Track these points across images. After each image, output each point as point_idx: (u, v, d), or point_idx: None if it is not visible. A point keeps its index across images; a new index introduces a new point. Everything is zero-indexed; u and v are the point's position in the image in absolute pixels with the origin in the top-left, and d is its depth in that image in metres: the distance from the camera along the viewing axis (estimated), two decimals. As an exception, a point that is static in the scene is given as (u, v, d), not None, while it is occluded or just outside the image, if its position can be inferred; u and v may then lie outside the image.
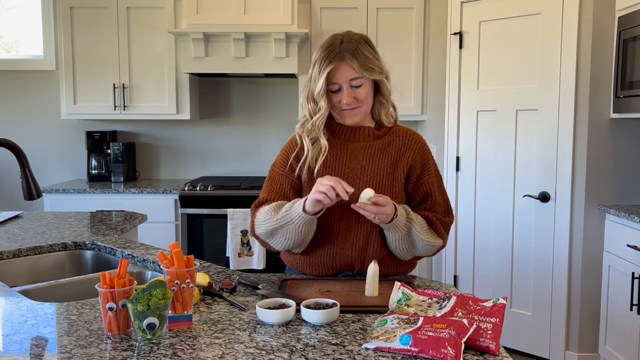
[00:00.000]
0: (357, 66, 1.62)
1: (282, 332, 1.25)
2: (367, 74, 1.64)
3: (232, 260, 3.74)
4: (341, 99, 1.66)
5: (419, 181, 1.72)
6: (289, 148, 1.77)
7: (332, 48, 1.64)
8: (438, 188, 1.75)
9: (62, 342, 1.20)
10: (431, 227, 1.69)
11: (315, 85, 1.65)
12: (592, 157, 3.14)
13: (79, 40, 4.06)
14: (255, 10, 3.87)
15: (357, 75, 1.64)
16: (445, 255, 3.77)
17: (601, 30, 3.07)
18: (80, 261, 2.16)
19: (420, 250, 1.69)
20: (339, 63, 1.62)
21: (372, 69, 1.65)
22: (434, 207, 1.73)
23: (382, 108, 1.74)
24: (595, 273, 3.17)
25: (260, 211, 1.70)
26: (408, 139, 1.75)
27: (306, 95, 1.71)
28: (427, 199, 1.73)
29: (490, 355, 1.13)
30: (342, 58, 1.62)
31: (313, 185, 1.67)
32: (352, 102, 1.66)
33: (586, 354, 3.23)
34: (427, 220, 1.70)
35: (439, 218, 1.72)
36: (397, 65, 3.98)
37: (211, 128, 4.50)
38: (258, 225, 1.70)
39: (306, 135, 1.71)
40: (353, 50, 1.63)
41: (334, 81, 1.64)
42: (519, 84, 3.34)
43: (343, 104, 1.66)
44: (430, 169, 1.75)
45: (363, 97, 1.67)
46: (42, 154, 4.44)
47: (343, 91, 1.65)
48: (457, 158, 3.66)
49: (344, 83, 1.64)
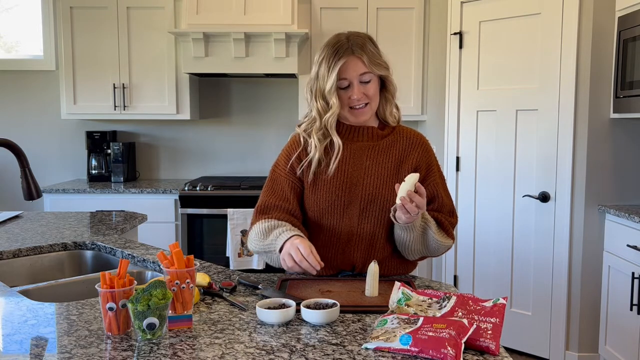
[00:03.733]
0: (367, 61, 1.63)
1: (282, 332, 1.25)
2: (375, 69, 1.65)
3: (232, 260, 3.74)
4: (351, 95, 1.65)
5: (424, 182, 1.71)
6: (291, 148, 1.76)
7: (340, 44, 1.65)
8: (443, 189, 1.76)
9: (62, 342, 1.20)
10: (441, 227, 1.70)
11: (325, 83, 1.64)
12: (592, 157, 3.14)
13: (79, 40, 4.06)
14: (255, 10, 3.87)
15: (367, 70, 1.64)
16: (445, 255, 3.77)
17: (601, 30, 3.08)
18: (80, 261, 2.16)
19: (431, 250, 1.70)
20: (350, 57, 1.63)
21: (380, 64, 1.67)
22: (440, 207, 1.73)
23: (387, 105, 1.74)
24: (595, 273, 3.17)
25: (255, 227, 1.69)
26: (412, 140, 1.75)
27: (314, 93, 1.69)
28: (433, 200, 1.73)
29: (490, 355, 1.13)
30: (352, 53, 1.63)
31: (317, 187, 1.66)
32: (362, 98, 1.66)
33: (586, 354, 3.23)
34: (437, 220, 1.70)
35: (446, 218, 1.72)
36: (397, 65, 3.94)
37: (211, 128, 4.50)
38: (250, 241, 1.72)
39: (315, 133, 1.69)
40: (361, 45, 1.65)
41: (344, 76, 1.64)
42: (519, 84, 3.34)
43: (354, 99, 1.66)
44: (434, 170, 1.75)
45: (372, 93, 1.67)
46: (42, 154, 4.44)
47: (353, 87, 1.65)
48: (457, 158, 3.66)
49: (354, 79, 1.64)
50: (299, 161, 1.72)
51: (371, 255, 1.69)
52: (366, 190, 1.68)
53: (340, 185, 1.68)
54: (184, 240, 3.87)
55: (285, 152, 1.77)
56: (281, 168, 1.75)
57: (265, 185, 1.77)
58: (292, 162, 1.72)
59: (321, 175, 1.70)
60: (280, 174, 1.74)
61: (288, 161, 1.74)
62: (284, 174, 1.73)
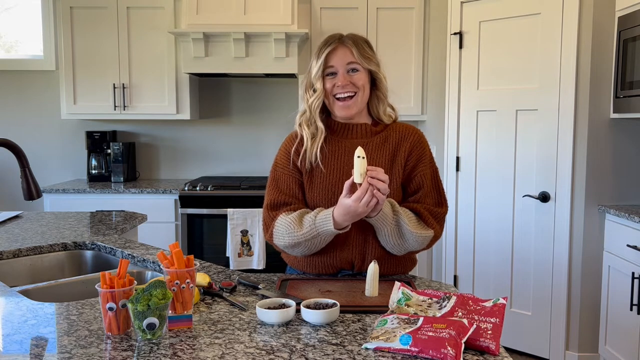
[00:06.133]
0: (356, 53, 1.67)
1: (282, 332, 1.25)
2: (364, 62, 1.68)
3: (232, 260, 3.74)
4: (336, 82, 1.68)
5: (413, 172, 1.71)
6: (288, 144, 1.77)
7: (333, 35, 1.72)
8: (432, 180, 1.73)
9: (62, 342, 1.20)
10: (420, 218, 1.68)
11: (312, 69, 1.70)
12: (592, 157, 3.14)
13: (79, 40, 4.06)
14: (255, 10, 3.87)
15: (355, 60, 1.67)
16: (445, 255, 3.77)
17: (601, 30, 3.08)
18: (80, 261, 2.16)
19: (412, 243, 1.66)
20: (338, 45, 1.68)
21: (370, 59, 1.70)
22: (423, 198, 1.71)
23: (380, 104, 1.74)
24: (595, 273, 3.17)
25: (279, 221, 1.66)
26: (405, 133, 1.74)
27: (305, 85, 1.74)
28: (418, 190, 1.72)
29: (490, 355, 1.13)
30: (342, 42, 1.69)
31: (313, 177, 1.67)
32: (348, 86, 1.67)
33: (586, 354, 3.23)
34: (415, 212, 1.68)
35: (427, 209, 1.69)
36: (397, 65, 3.98)
37: (211, 128, 4.50)
38: (278, 237, 1.67)
39: (305, 124, 1.72)
40: (353, 39, 1.70)
41: (331, 64, 1.68)
42: (519, 84, 3.34)
43: (338, 85, 1.67)
44: (425, 161, 1.73)
45: (360, 84, 1.68)
46: (42, 154, 4.44)
47: (339, 75, 1.68)
48: (457, 158, 3.66)
49: (340, 67, 1.67)
50: (297, 154, 1.73)
51: (367, 252, 1.69)
52: None
53: (335, 183, 1.69)
54: (184, 240, 3.87)
55: (284, 149, 1.77)
56: (283, 166, 1.75)
57: (268, 185, 1.77)
58: (292, 157, 1.73)
59: (316, 171, 1.71)
60: (282, 171, 1.74)
61: (288, 157, 1.74)
62: (288, 172, 1.73)
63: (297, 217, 1.64)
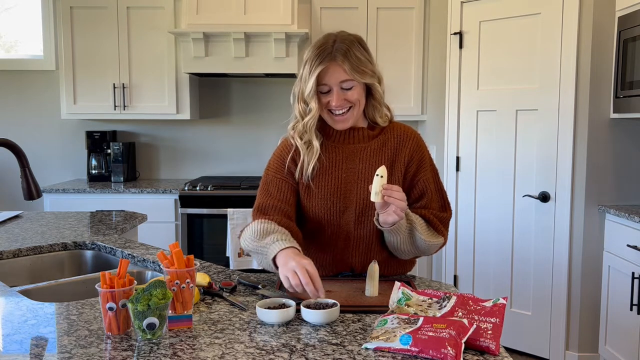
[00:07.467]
0: (349, 68, 1.58)
1: (282, 332, 1.25)
2: (358, 77, 1.60)
3: (232, 260, 3.74)
4: (330, 100, 1.62)
5: (415, 178, 1.69)
6: (283, 151, 1.73)
7: (324, 48, 1.60)
8: (434, 183, 1.73)
9: (62, 342, 1.20)
10: (430, 226, 1.66)
11: (305, 86, 1.62)
12: (592, 157, 3.14)
13: (79, 40, 4.06)
14: (255, 10, 3.87)
15: (348, 78, 1.59)
16: (445, 255, 3.77)
17: (601, 30, 3.07)
18: (80, 261, 2.16)
19: (422, 250, 1.66)
20: (330, 64, 1.58)
21: (364, 72, 1.61)
22: (429, 204, 1.70)
23: (375, 111, 1.71)
24: (595, 273, 3.17)
25: (252, 225, 1.63)
26: (403, 137, 1.72)
27: (296, 95, 1.68)
28: (422, 196, 1.70)
29: (490, 355, 1.13)
30: (333, 59, 1.58)
31: (311, 193, 1.65)
32: (343, 104, 1.62)
33: (586, 354, 3.23)
34: (425, 219, 1.66)
35: (435, 214, 1.68)
36: (397, 65, 3.98)
37: (211, 128, 4.50)
38: (244, 238, 1.65)
39: (298, 136, 1.68)
40: (345, 51, 1.59)
41: (324, 82, 1.61)
42: (519, 84, 3.34)
43: (332, 106, 1.62)
44: (425, 165, 1.72)
45: (354, 98, 1.62)
46: (42, 154, 4.44)
47: (333, 93, 1.61)
48: (457, 158, 3.66)
49: (334, 85, 1.60)
50: (294, 163, 1.70)
51: (369, 258, 1.67)
52: (361, 196, 1.66)
53: (334, 192, 1.67)
54: (184, 240, 3.87)
55: (278, 154, 1.74)
56: (276, 171, 1.72)
57: (259, 189, 1.75)
58: (288, 164, 1.70)
59: (315, 180, 1.68)
60: (274, 176, 1.71)
61: (282, 163, 1.71)
62: (281, 177, 1.70)
63: (265, 230, 1.58)
